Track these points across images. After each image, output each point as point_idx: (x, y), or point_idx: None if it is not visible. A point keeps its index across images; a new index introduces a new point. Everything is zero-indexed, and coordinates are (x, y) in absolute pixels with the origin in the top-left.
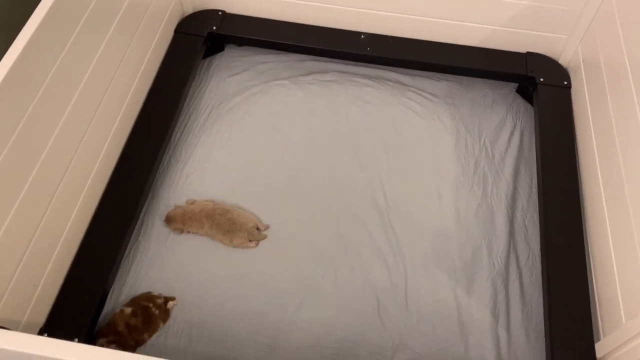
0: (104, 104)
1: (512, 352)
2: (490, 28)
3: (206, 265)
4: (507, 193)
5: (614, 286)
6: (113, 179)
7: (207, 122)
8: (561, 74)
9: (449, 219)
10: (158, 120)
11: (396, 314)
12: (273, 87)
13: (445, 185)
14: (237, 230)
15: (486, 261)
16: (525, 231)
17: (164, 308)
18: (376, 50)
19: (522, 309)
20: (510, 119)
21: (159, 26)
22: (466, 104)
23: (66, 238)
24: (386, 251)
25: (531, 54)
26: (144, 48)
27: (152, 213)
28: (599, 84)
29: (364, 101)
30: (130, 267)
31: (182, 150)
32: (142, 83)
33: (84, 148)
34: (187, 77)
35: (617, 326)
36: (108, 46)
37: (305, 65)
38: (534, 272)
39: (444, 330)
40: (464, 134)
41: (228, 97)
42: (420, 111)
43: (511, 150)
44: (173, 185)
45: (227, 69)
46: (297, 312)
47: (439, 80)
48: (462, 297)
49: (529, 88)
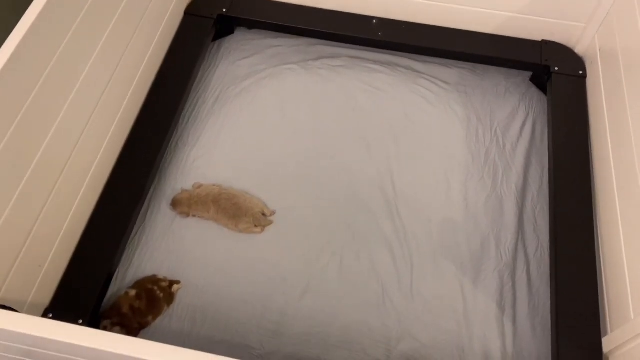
0: (111, 85)
1: (517, 344)
2: (505, 15)
3: (211, 250)
4: (518, 184)
5: (623, 281)
6: (120, 161)
7: (215, 106)
8: (577, 63)
9: (457, 209)
10: (166, 102)
11: (401, 303)
12: (282, 72)
13: (454, 174)
14: (243, 215)
15: (494, 252)
16: (535, 223)
17: (168, 291)
18: (388, 36)
19: (529, 301)
20: (523, 109)
21: (169, 7)
22: (478, 92)
23: (72, 219)
24: (393, 239)
25: (547, 42)
26: (153, 29)
27: (159, 196)
28: (615, 74)
29: (374, 87)
30: (136, 250)
31: (190, 133)
32: (150, 64)
33: (91, 128)
34: (196, 59)
35: (626, 321)
36: (116, 26)
37: (316, 50)
38: (542, 264)
39: (449, 320)
40: (475, 123)
41: (237, 80)
42: (431, 99)
43: (523, 141)
44: (180, 168)
45: (237, 52)
46: (302, 298)
47: (452, 67)
48: (468, 287)
49: (543, 77)
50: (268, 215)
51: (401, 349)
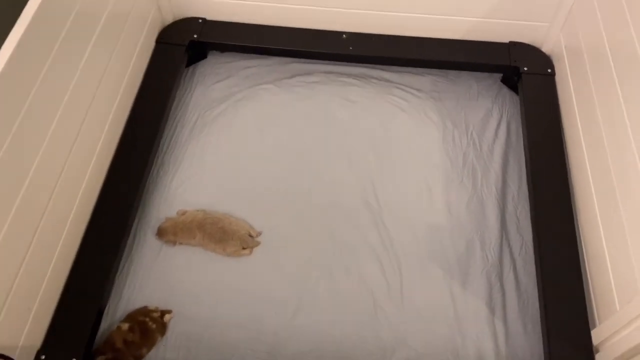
0: (88, 121)
1: (509, 343)
2: (471, 20)
3: (200, 276)
4: (497, 184)
5: (606, 273)
6: (102, 195)
7: (194, 131)
8: (544, 62)
9: (440, 214)
10: (144, 132)
11: (393, 312)
12: (258, 92)
13: (435, 180)
14: (230, 238)
15: (479, 254)
16: (517, 222)
17: (160, 321)
18: (359, 49)
19: (518, 300)
20: (496, 110)
21: (140, 38)
22: (452, 97)
23: (58, 258)
24: (380, 250)
25: (514, 43)
26: (126, 61)
27: (144, 226)
28: (582, 70)
29: (350, 101)
30: (125, 283)
31: (171, 161)
32: (126, 96)
33: (70, 165)
34: (171, 86)
35: (612, 313)
36: (89, 62)
37: (289, 68)
38: (527, 262)
39: (442, 325)
40: (451, 128)
41: (214, 104)
42: (406, 107)
43: (499, 141)
44: (163, 197)
45: (211, 75)
46: (294, 317)
47: (424, 75)
48: (457, 291)
49: (513, 78)
50: (254, 236)
51: (397, 358)
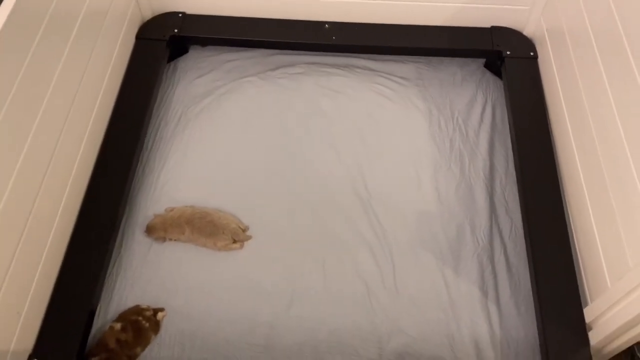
0: (70, 121)
1: (503, 325)
2: (453, 6)
3: (192, 273)
4: (485, 169)
5: (596, 251)
6: (88, 195)
7: (178, 127)
8: (527, 46)
9: (430, 201)
10: (128, 130)
11: (387, 300)
12: (242, 85)
13: (423, 167)
14: (220, 232)
15: (470, 238)
16: (506, 204)
17: (153, 320)
18: (342, 39)
19: (510, 282)
20: (480, 95)
21: (119, 34)
22: (436, 84)
23: (45, 261)
24: (371, 239)
25: (496, 28)
26: (106, 58)
27: (132, 226)
28: (564, 52)
29: (335, 91)
30: (115, 283)
31: (156, 158)
32: (107, 94)
33: (54, 166)
34: (153, 83)
35: (604, 290)
36: (68, 61)
37: (273, 60)
38: (517, 244)
39: (436, 310)
40: (437, 115)
41: (197, 99)
42: (391, 96)
43: (484, 126)
44: (150, 195)
45: (193, 70)
46: (289, 309)
47: (407, 62)
48: (450, 276)
49: (496, 62)
50: (244, 230)
51: (392, 345)
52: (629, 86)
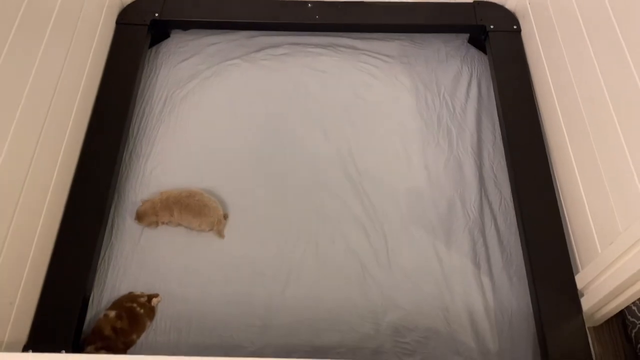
0: (52, 110)
1: (497, 296)
2: None
3: (185, 257)
4: (472, 143)
5: (586, 218)
6: (75, 184)
7: (163, 112)
8: (510, 19)
9: (419, 177)
10: (112, 117)
11: (381, 276)
12: (226, 68)
13: (411, 144)
14: (209, 215)
15: (461, 212)
16: (495, 177)
17: (148, 306)
18: (325, 18)
19: (502, 254)
20: (466, 70)
21: (99, 20)
22: (421, 61)
23: (36, 250)
24: (363, 218)
25: (478, 2)
26: (87, 45)
27: (122, 212)
28: (548, 24)
29: (321, 71)
30: (107, 270)
31: (143, 144)
32: (90, 81)
33: (39, 155)
34: (136, 68)
35: (594, 256)
36: (47, 48)
37: (256, 42)
38: (508, 216)
39: (430, 284)
40: (423, 91)
41: (181, 83)
42: (377, 74)
43: (471, 101)
44: (138, 181)
45: (176, 55)
46: (285, 290)
47: (392, 40)
48: (442, 250)
49: (480, 37)
50: (224, 217)
51: (388, 320)
52: (615, 53)
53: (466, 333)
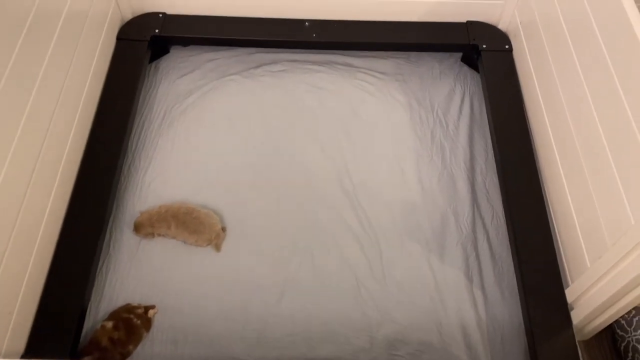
0: (54, 123)
1: (489, 310)
2: (429, 2)
3: (182, 268)
4: (465, 159)
5: (575, 233)
6: (75, 196)
7: (162, 126)
8: (502, 39)
9: (414, 192)
10: (112, 130)
11: (376, 289)
12: (225, 83)
13: (406, 159)
14: (206, 231)
15: (454, 227)
16: (487, 193)
17: (145, 317)
18: (322, 36)
19: (494, 268)
20: (459, 88)
21: (100, 35)
22: (415, 78)
23: (35, 260)
24: (358, 230)
25: (471, 22)
26: (88, 60)
27: (120, 224)
28: (538, 44)
29: (318, 87)
30: (105, 281)
31: (141, 157)
32: (90, 95)
33: (40, 167)
34: (136, 83)
35: (583, 270)
36: (50, 63)
37: (255, 58)
38: (500, 231)
39: (423, 298)
40: (417, 108)
41: (180, 98)
42: (372, 91)
43: (464, 118)
44: (136, 194)
45: (175, 70)
46: (280, 302)
47: (387, 58)
48: (436, 264)
49: (473, 56)
50: (223, 230)
51: (383, 333)
52: (602, 74)
53: (459, 346)
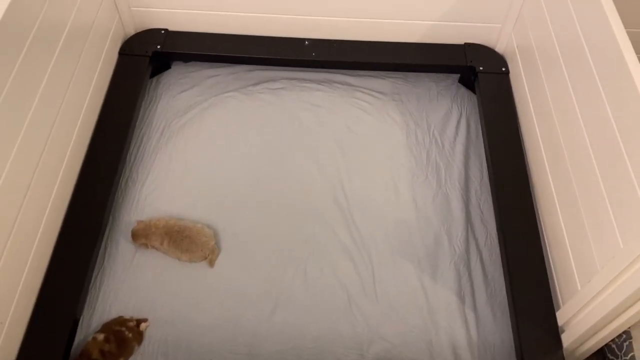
0: (54, 134)
1: (480, 330)
2: (427, 23)
3: (174, 282)
4: (460, 179)
5: (567, 256)
6: (71, 207)
7: (161, 141)
8: (499, 61)
9: (408, 210)
10: (111, 143)
11: (367, 307)
12: (224, 100)
13: (401, 178)
14: (198, 250)
15: (447, 247)
16: (481, 214)
17: (137, 330)
18: (321, 55)
19: (486, 289)
20: (455, 109)
21: (102, 50)
22: (412, 98)
23: (29, 271)
24: (352, 247)
25: (469, 44)
26: (89, 73)
27: (115, 237)
28: (534, 67)
29: (315, 105)
30: (99, 293)
31: (139, 171)
32: (91, 108)
33: (39, 177)
34: (136, 97)
35: (574, 293)
36: (52, 76)
37: (254, 75)
38: (493, 252)
39: (415, 317)
40: (414, 128)
41: (179, 113)
42: (370, 110)
43: (459, 138)
44: (133, 207)
45: (176, 85)
46: (271, 317)
47: (385, 78)
48: (428, 283)
49: (470, 77)
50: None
51: (373, 351)
52: (593, 99)
53: None
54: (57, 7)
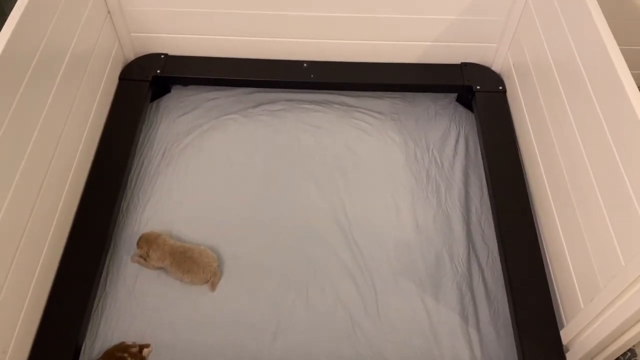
0: (55, 160)
1: (484, 350)
2: (424, 44)
3: (177, 306)
4: (460, 198)
5: (569, 274)
6: (73, 233)
7: (161, 164)
8: (496, 80)
9: (409, 230)
10: (112, 168)
11: (370, 328)
12: (224, 122)
13: (401, 198)
14: (200, 271)
15: (449, 266)
16: (482, 232)
17: (139, 356)
18: (320, 77)
19: (489, 308)
20: (454, 128)
21: (103, 76)
22: (411, 118)
23: (32, 298)
24: (353, 268)
25: (466, 64)
26: (90, 99)
27: (117, 262)
28: (530, 86)
29: (315, 126)
30: (101, 319)
31: (140, 195)
32: (92, 133)
33: (40, 202)
34: (137, 122)
35: (577, 311)
36: (54, 102)
37: (253, 98)
38: (495, 270)
39: (418, 338)
40: (413, 147)
41: (180, 136)
42: (369, 130)
43: (458, 157)
44: (134, 231)
45: (176, 109)
46: (274, 341)
47: (383, 98)
48: (430, 303)
49: (467, 96)
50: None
51: None
52: (590, 117)
53: None
54: (58, 35)
